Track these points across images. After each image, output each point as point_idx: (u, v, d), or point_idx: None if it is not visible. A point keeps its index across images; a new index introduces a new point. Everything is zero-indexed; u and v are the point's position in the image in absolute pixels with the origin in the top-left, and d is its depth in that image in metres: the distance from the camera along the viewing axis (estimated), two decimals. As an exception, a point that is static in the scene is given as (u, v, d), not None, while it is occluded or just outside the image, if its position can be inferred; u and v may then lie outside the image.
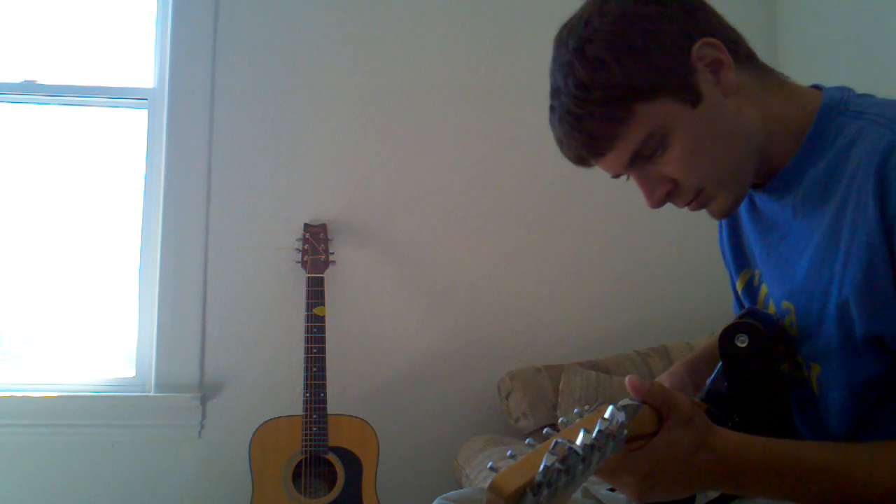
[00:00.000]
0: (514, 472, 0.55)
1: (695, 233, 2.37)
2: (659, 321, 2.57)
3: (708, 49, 0.93)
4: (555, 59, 0.97)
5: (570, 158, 0.98)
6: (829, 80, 1.02)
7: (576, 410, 0.76)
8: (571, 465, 0.56)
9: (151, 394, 2.37)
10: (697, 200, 0.97)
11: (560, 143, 0.98)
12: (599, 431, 0.61)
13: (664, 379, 1.15)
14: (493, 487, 0.54)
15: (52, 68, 2.54)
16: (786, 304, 1.00)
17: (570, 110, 0.93)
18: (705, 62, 0.93)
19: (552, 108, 0.97)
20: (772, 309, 1.04)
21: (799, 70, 1.37)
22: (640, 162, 0.95)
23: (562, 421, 0.78)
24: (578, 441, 0.59)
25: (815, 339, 0.96)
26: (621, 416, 0.65)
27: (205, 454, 2.38)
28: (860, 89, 0.98)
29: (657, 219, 2.32)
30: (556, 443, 0.56)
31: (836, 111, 0.94)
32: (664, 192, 0.97)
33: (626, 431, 0.66)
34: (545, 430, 0.77)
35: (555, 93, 0.96)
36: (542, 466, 0.54)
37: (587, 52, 0.92)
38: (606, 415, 0.65)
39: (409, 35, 2.57)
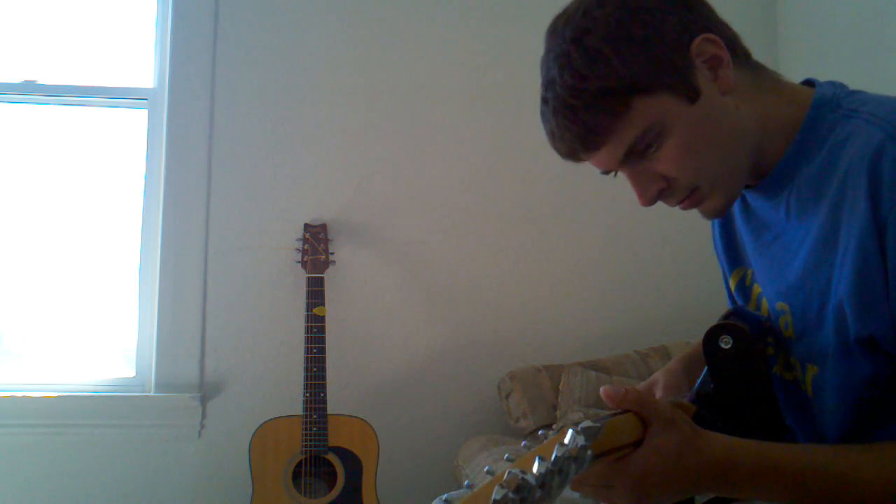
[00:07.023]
0: None
1: (695, 232, 2.37)
2: (659, 321, 2.57)
3: (707, 45, 0.92)
4: (548, 51, 0.95)
5: (561, 153, 0.96)
6: (829, 80, 1.02)
7: (540, 432, 0.76)
8: (527, 493, 0.56)
9: (151, 394, 2.37)
10: (690, 199, 0.96)
11: (552, 135, 0.95)
12: (557, 458, 0.62)
13: (661, 376, 1.15)
14: None
15: (52, 68, 2.54)
16: (780, 304, 1.00)
17: (565, 101, 0.91)
18: (704, 58, 0.92)
19: (545, 100, 0.94)
20: (765, 308, 1.04)
21: (799, 70, 1.37)
22: (633, 158, 0.93)
23: (524, 444, 0.78)
24: (534, 470, 0.59)
25: (812, 339, 0.95)
26: (581, 440, 0.65)
27: (205, 454, 2.38)
28: (861, 89, 0.97)
29: (657, 219, 2.32)
30: (509, 473, 0.57)
31: (827, 108, 0.94)
32: (657, 191, 0.95)
33: (589, 452, 0.66)
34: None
35: (548, 84, 0.93)
36: (491, 500, 0.54)
37: (585, 43, 0.90)
38: (565, 440, 0.66)
39: (409, 35, 2.57)
